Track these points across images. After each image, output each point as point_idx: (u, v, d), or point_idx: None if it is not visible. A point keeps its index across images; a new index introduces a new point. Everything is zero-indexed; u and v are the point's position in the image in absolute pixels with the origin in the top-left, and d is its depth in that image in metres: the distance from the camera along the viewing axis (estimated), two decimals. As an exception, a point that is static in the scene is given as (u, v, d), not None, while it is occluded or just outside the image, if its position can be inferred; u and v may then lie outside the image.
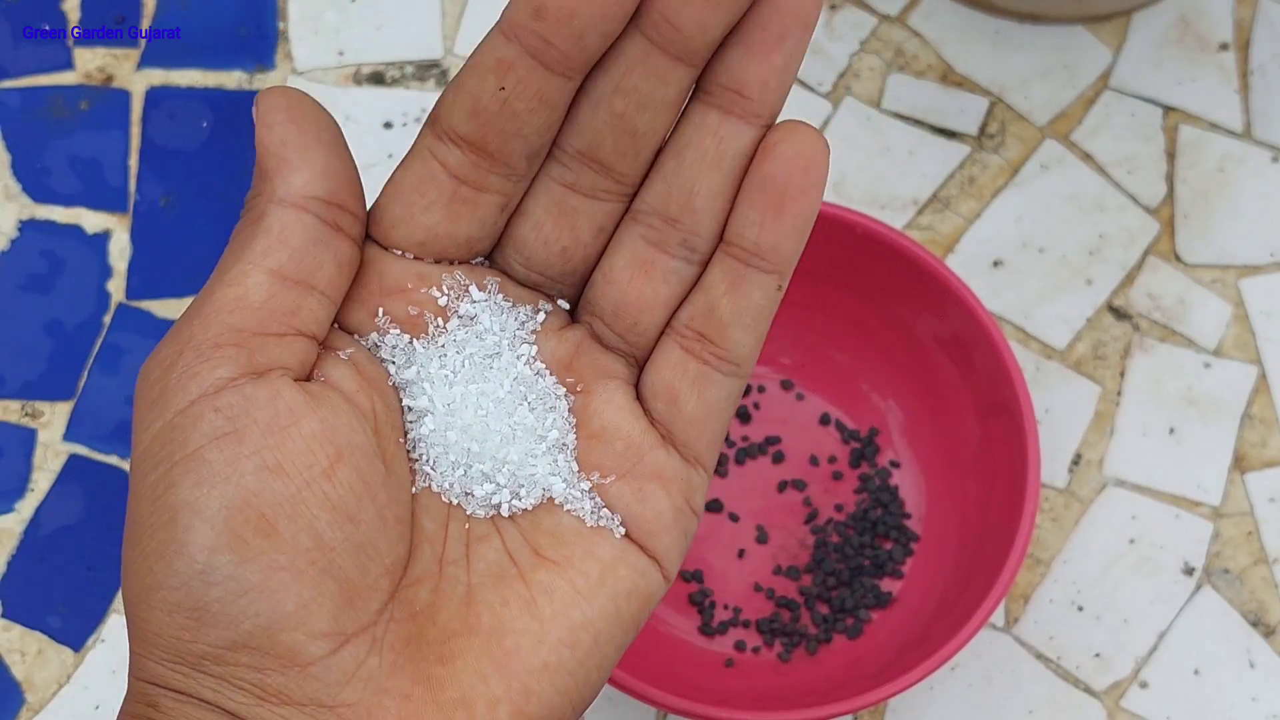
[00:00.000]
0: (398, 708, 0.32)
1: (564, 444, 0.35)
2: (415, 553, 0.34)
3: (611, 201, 0.35)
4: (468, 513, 0.35)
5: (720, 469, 0.58)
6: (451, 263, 0.35)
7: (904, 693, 0.54)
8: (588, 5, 0.31)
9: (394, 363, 0.34)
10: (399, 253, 0.34)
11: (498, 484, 0.34)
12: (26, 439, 0.59)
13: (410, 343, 0.34)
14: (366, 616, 0.32)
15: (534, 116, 0.33)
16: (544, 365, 0.35)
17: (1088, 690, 0.56)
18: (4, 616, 0.57)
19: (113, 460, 0.59)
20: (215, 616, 0.31)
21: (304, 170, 0.33)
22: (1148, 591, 0.57)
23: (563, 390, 0.35)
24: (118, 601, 0.57)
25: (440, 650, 0.33)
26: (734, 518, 0.57)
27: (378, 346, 0.35)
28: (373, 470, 0.33)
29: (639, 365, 0.36)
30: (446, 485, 0.34)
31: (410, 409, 0.34)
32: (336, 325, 0.35)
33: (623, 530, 0.34)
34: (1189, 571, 0.57)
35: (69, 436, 0.59)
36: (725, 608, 0.57)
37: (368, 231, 0.35)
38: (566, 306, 0.36)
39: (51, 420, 0.59)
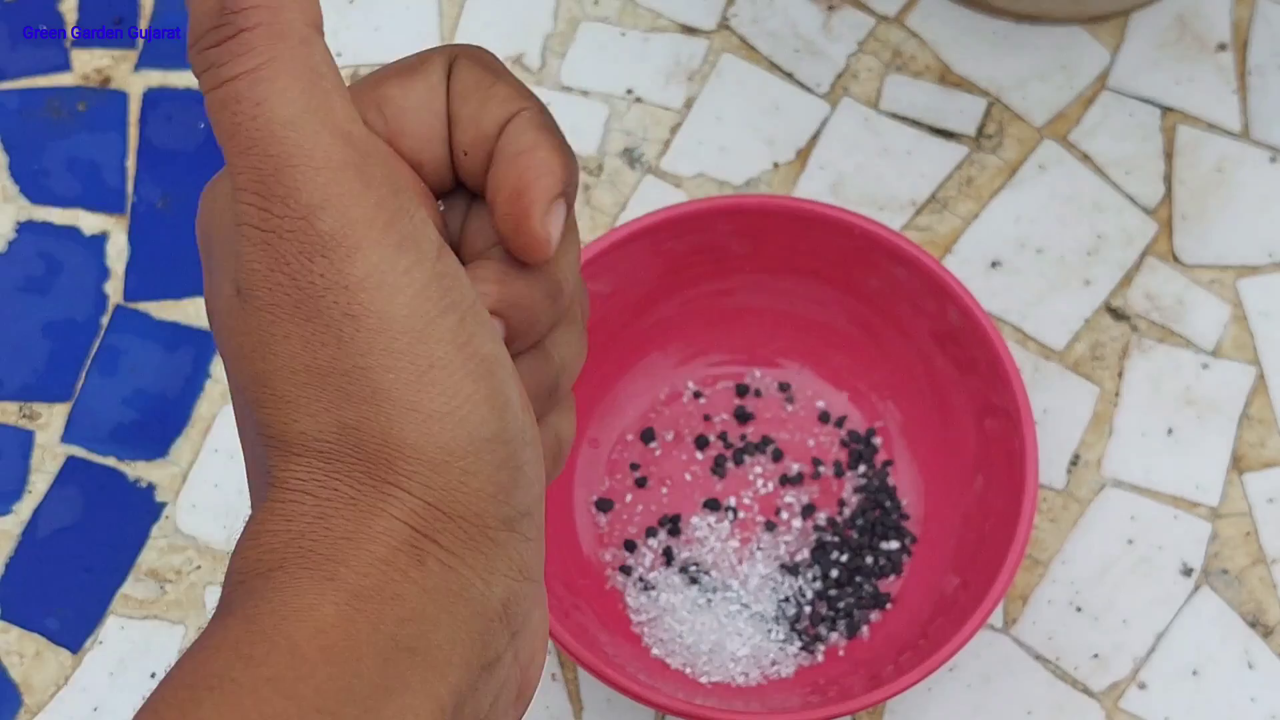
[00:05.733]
0: (502, 603, 0.30)
1: None
2: None
3: None
4: None
5: (719, 469, 0.58)
6: None
7: (903, 694, 0.54)
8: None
9: None
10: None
11: None
12: (24, 440, 0.59)
13: None
14: None
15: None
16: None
17: (1086, 691, 0.56)
18: (2, 618, 0.57)
19: (110, 462, 0.59)
20: (523, 478, 0.29)
21: None
22: (1146, 592, 0.57)
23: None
24: (115, 603, 0.57)
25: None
26: (733, 517, 0.57)
27: None
28: None
29: None
30: None
31: None
32: None
33: None
34: (1187, 572, 0.57)
35: (67, 438, 0.59)
36: (724, 609, 0.57)
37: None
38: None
39: (49, 422, 0.59)
